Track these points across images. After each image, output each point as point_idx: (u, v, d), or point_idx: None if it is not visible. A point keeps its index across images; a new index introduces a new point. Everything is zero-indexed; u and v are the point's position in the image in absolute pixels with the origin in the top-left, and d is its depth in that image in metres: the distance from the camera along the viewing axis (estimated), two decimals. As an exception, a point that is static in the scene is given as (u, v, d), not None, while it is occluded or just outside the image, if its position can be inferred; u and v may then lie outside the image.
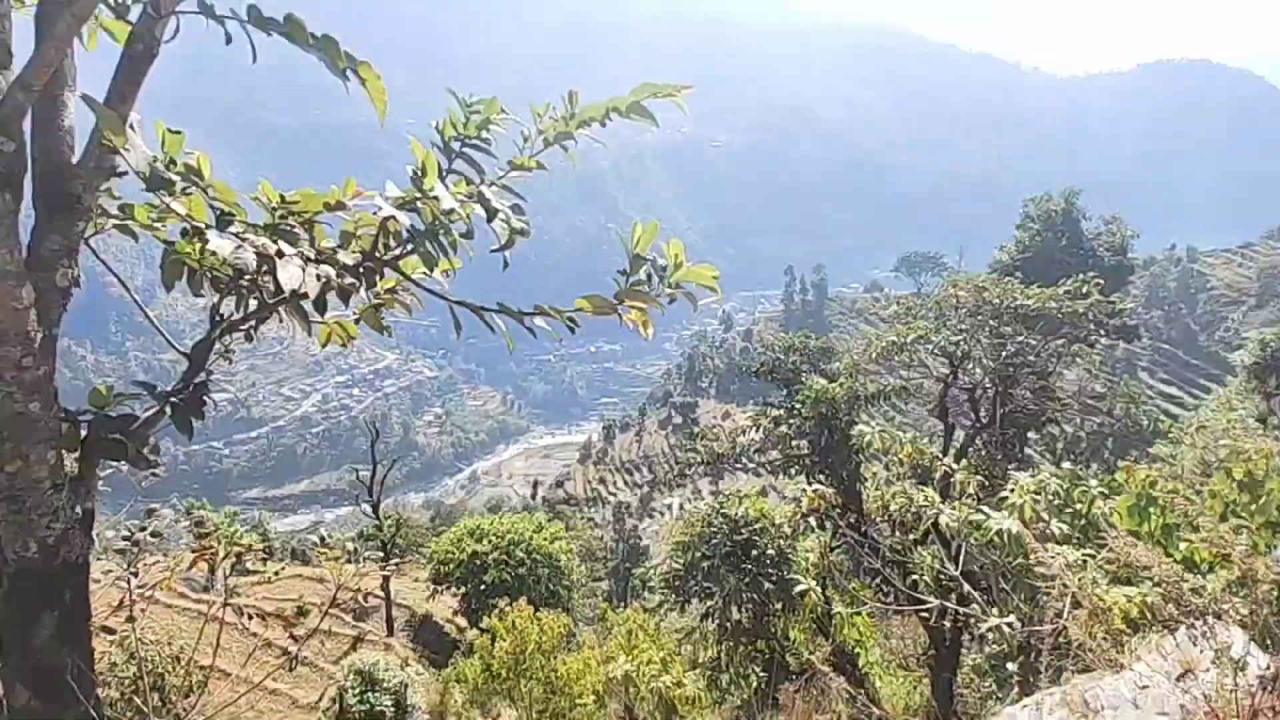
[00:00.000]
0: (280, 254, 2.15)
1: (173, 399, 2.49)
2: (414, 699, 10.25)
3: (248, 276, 2.43)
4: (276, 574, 17.24)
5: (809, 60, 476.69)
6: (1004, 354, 14.94)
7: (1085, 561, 4.43)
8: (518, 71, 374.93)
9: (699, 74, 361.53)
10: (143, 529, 3.77)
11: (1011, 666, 6.22)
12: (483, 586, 18.35)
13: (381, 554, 16.90)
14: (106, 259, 3.07)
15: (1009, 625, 5.04)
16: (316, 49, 2.15)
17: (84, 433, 2.40)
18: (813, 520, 11.74)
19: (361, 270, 2.45)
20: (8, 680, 2.23)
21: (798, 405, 14.03)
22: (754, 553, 12.63)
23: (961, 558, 6.48)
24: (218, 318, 2.65)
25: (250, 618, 4.57)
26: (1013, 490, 5.71)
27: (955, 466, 7.68)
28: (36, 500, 2.14)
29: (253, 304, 2.66)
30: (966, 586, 6.29)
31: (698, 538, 13.47)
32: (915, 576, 8.54)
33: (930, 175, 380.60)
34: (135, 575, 3.52)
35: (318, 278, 2.20)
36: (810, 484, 10.96)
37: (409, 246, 2.45)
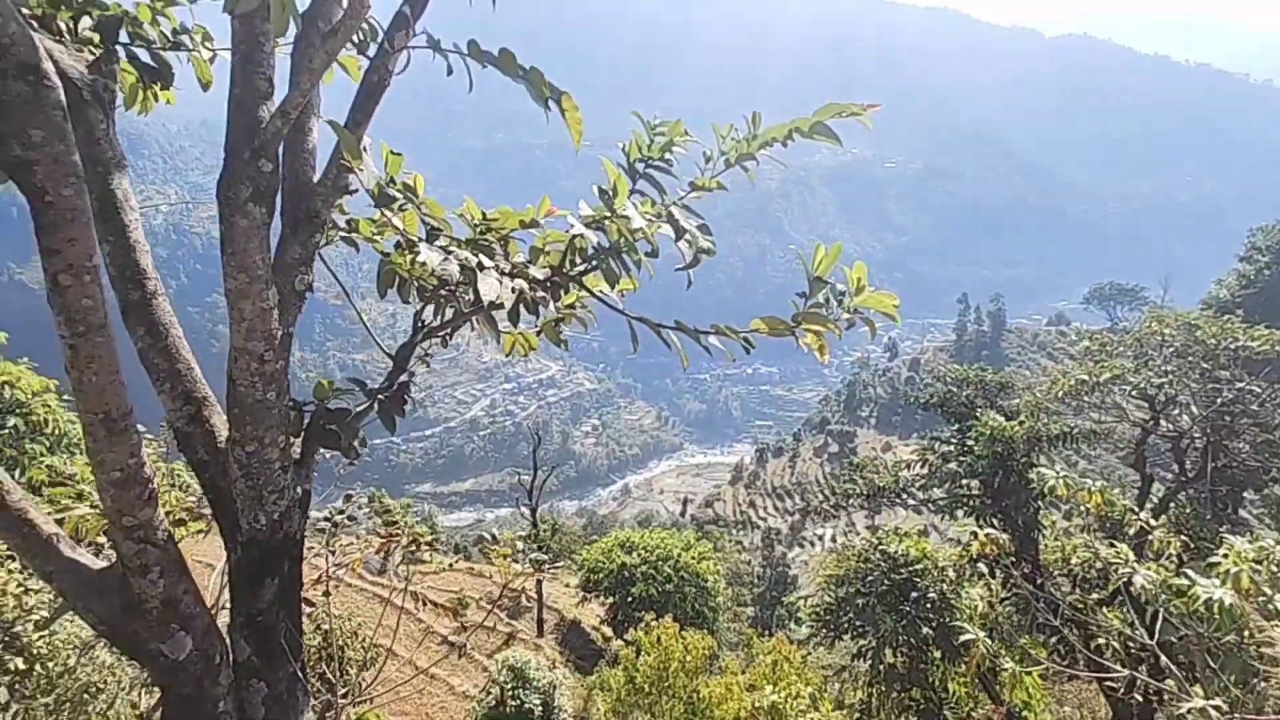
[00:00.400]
0: (481, 267, 2.32)
1: (380, 396, 2.75)
2: (560, 701, 10.53)
3: (449, 287, 2.64)
4: (450, 566, 18.40)
5: (993, 76, 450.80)
6: (1219, 401, 13.23)
7: (1321, 646, 3.83)
8: (680, 91, 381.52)
9: (869, 92, 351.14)
10: (341, 512, 4.16)
11: (1217, 756, 5.45)
12: (630, 598, 18.56)
13: (544, 557, 17.55)
14: (318, 268, 3.44)
15: (1215, 709, 4.43)
16: (524, 79, 2.31)
17: (305, 421, 2.70)
18: (981, 566, 10.96)
19: (549, 284, 2.59)
20: (234, 636, 2.54)
21: (970, 442, 13.20)
22: (913, 595, 11.95)
23: (1158, 626, 5.77)
24: (420, 324, 2.89)
25: (423, 605, 4.91)
26: (1226, 555, 5.03)
27: (1153, 523, 6.88)
28: (268, 479, 2.43)
29: (448, 313, 2.89)
30: (1163, 659, 5.60)
31: (853, 573, 12.94)
32: (1099, 640, 7.74)
33: (1129, 201, 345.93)
34: (334, 554, 3.88)
35: (512, 290, 2.36)
36: (980, 527, 10.22)
37: (593, 263, 2.56)
